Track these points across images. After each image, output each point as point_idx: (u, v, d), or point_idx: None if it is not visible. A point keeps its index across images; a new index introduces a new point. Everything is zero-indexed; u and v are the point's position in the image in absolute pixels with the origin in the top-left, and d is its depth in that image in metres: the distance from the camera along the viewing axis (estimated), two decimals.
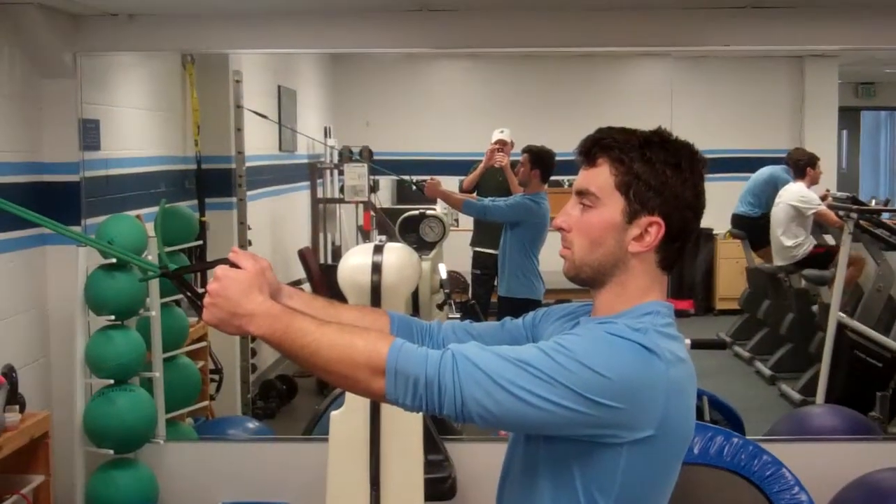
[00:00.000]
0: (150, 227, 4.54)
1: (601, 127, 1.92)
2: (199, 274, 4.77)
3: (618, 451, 1.76)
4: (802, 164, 8.04)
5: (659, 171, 1.84)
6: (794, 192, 7.92)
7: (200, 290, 1.89)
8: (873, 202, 10.16)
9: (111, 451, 4.18)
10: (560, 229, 1.92)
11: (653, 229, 1.85)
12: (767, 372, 7.87)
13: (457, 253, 7.50)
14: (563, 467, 1.81)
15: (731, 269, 10.27)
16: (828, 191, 8.60)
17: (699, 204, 1.89)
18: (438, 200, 8.53)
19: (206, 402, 5.28)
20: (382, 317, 2.12)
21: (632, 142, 1.86)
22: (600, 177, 1.86)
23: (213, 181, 6.22)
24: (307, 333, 1.77)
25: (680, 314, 10.47)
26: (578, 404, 1.68)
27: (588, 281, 1.91)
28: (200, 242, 5.24)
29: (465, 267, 7.80)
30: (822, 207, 7.65)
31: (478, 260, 7.49)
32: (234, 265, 1.86)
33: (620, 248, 1.86)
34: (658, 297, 1.89)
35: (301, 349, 1.77)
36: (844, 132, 14.18)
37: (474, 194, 7.20)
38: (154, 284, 4.39)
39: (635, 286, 1.88)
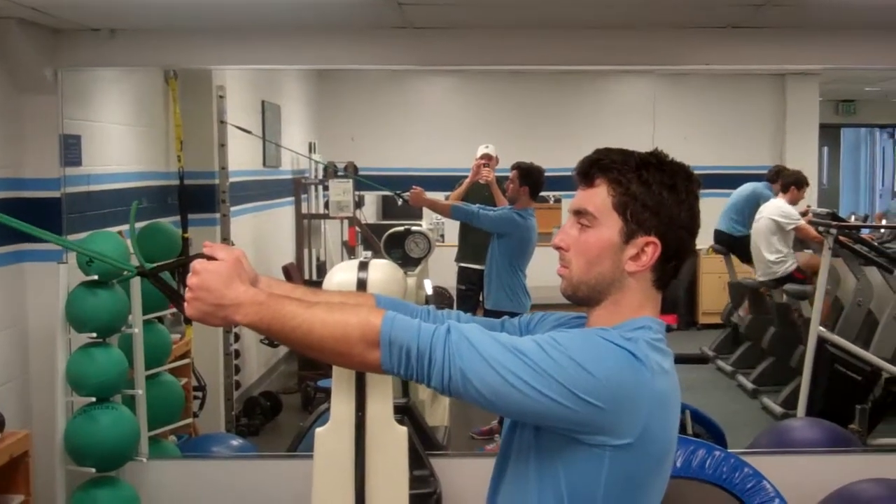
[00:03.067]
0: (131, 243, 4.52)
1: (599, 148, 1.97)
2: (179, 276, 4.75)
3: (600, 457, 1.79)
4: (789, 182, 8.11)
5: (655, 193, 1.89)
6: (774, 207, 7.98)
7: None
8: (853, 218, 10.25)
9: (93, 470, 4.13)
10: (558, 248, 1.96)
11: (649, 249, 1.89)
12: (749, 385, 7.90)
13: (442, 268, 7.51)
14: (549, 464, 1.85)
15: (714, 284, 10.32)
16: (808, 207, 8.66)
17: (694, 224, 1.94)
18: (424, 214, 8.57)
19: (189, 420, 5.26)
20: (369, 299, 2.20)
21: (629, 163, 1.91)
22: (598, 197, 1.91)
23: (196, 197, 6.21)
24: (297, 315, 1.80)
25: (667, 329, 10.53)
26: (563, 398, 1.73)
27: (584, 299, 1.95)
28: (183, 259, 5.22)
29: (450, 282, 7.82)
30: (802, 223, 7.71)
31: (463, 275, 7.50)
32: (209, 258, 1.87)
33: (617, 268, 1.90)
34: (651, 314, 1.93)
35: (292, 331, 1.80)
36: (825, 149, 14.31)
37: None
38: (136, 301, 4.38)
39: (630, 304, 1.92)
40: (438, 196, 7.36)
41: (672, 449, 1.93)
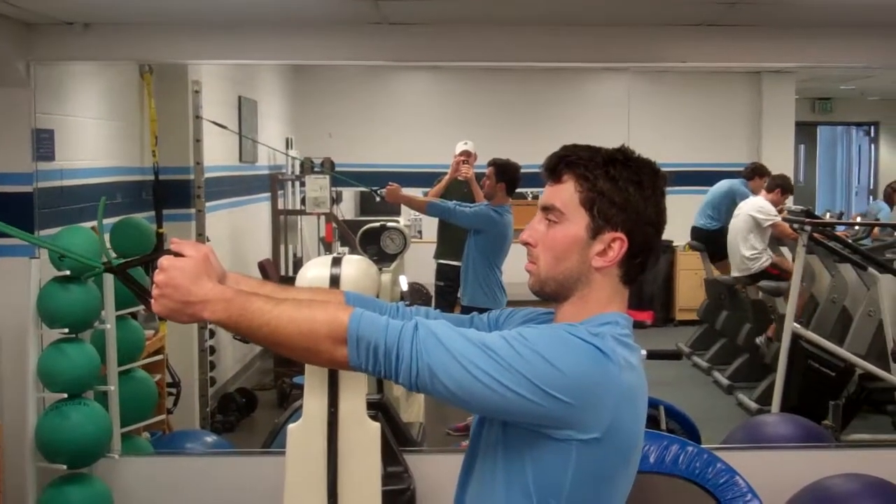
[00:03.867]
0: (106, 238, 4.50)
1: (566, 144, 1.97)
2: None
3: (567, 452, 1.79)
4: (775, 184, 8.18)
5: (622, 189, 1.89)
6: (753, 204, 8.05)
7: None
8: (828, 215, 10.32)
9: (64, 467, 4.12)
10: (526, 244, 1.97)
11: (616, 245, 1.90)
12: (725, 382, 7.94)
13: (421, 265, 7.51)
14: (516, 459, 1.86)
15: (691, 281, 10.35)
16: (784, 204, 8.70)
17: (661, 220, 1.95)
18: (402, 211, 8.56)
19: (162, 416, 5.23)
20: (339, 296, 2.21)
21: (596, 159, 1.92)
22: (565, 193, 1.92)
23: (171, 192, 6.18)
24: (265, 312, 1.79)
25: (639, 325, 10.53)
26: (530, 393, 1.73)
27: (552, 295, 1.96)
28: (150, 255, 5.19)
29: (429, 279, 7.82)
30: (779, 220, 7.76)
31: (441, 272, 7.50)
32: (176, 255, 1.86)
33: (584, 263, 1.91)
34: (619, 310, 1.94)
35: (259, 328, 1.79)
36: (802, 146, 14.36)
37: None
38: (109, 296, 4.35)
39: (597, 300, 1.93)
40: (417, 193, 7.35)
41: (639, 443, 1.94)
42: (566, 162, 1.93)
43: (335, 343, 1.77)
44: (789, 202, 9.50)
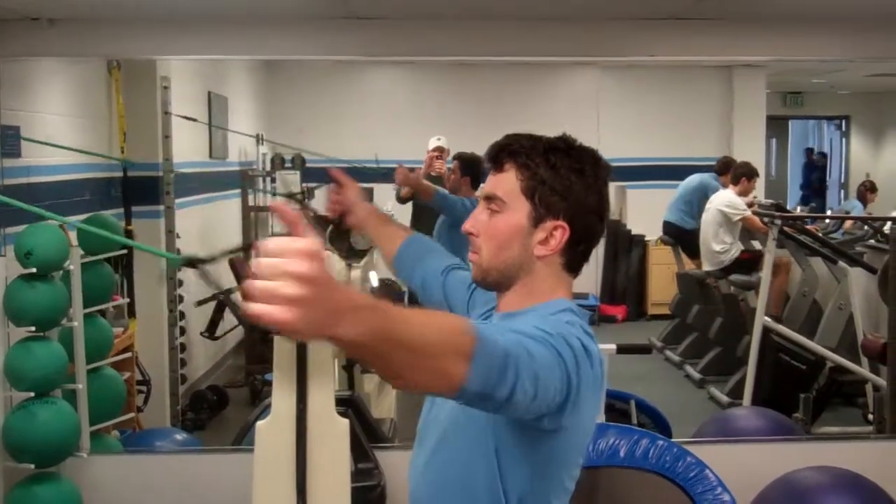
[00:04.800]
0: (73, 237, 4.47)
1: (508, 133, 1.97)
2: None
3: (538, 437, 1.79)
4: (740, 173, 8.21)
5: (563, 177, 1.89)
6: (723, 198, 8.07)
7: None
8: (798, 209, 10.37)
9: (32, 466, 4.08)
10: (469, 234, 1.97)
11: (557, 233, 1.90)
12: (697, 375, 7.96)
13: None
14: (483, 441, 1.84)
15: (663, 275, 10.38)
16: (755, 197, 8.74)
17: (602, 208, 1.95)
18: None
19: (132, 415, 5.20)
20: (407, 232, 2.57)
21: (537, 148, 1.92)
22: (507, 182, 1.92)
23: (140, 189, 6.14)
24: (403, 321, 1.42)
25: (611, 320, 10.58)
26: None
27: (494, 284, 1.97)
28: (126, 252, 5.16)
29: None
30: (749, 213, 7.79)
31: None
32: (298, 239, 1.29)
33: (526, 252, 1.91)
34: (565, 297, 1.94)
35: (398, 345, 1.41)
36: (773, 140, 14.43)
37: (410, 202, 7.21)
38: (77, 294, 4.30)
39: (540, 288, 1.93)
40: (388, 190, 7.32)
41: (592, 431, 1.96)
42: (507, 151, 1.94)
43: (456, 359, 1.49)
44: (760, 193, 9.57)
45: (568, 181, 1.89)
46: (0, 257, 4.18)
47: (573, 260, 1.94)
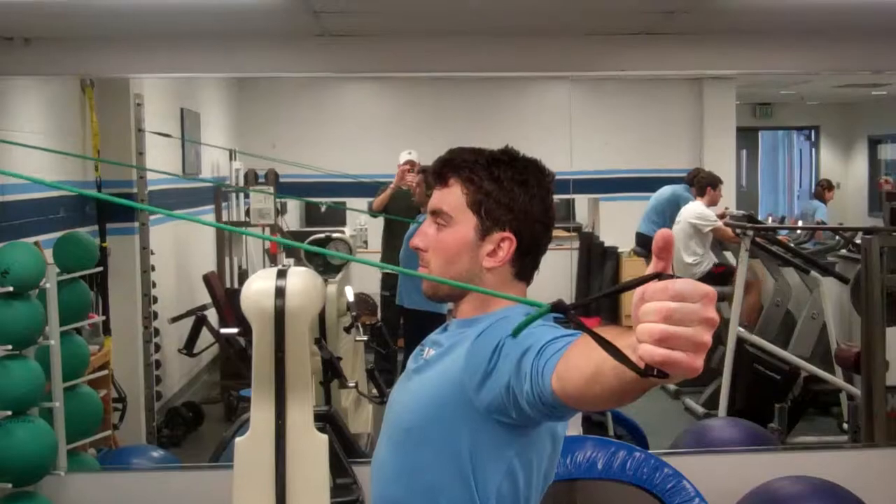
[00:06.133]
0: (48, 255, 4.46)
1: (452, 148, 2.02)
2: None
3: (509, 441, 1.83)
4: (704, 184, 8.25)
5: (507, 189, 1.94)
6: (691, 211, 8.11)
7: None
8: (770, 220, 10.45)
9: (9, 485, 4.07)
10: (417, 249, 2.00)
11: (505, 244, 1.94)
12: (672, 387, 7.98)
13: (367, 275, 7.50)
14: (454, 438, 1.87)
15: None
16: (726, 208, 8.81)
17: (548, 217, 1.99)
18: (348, 221, 8.54)
19: (108, 432, 5.19)
20: None
21: (480, 161, 1.96)
22: (452, 196, 1.96)
23: (115, 206, 6.12)
24: None
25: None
26: None
27: (445, 297, 2.03)
28: (101, 269, 5.16)
29: (375, 289, 7.80)
30: (719, 224, 7.84)
31: (386, 282, 7.49)
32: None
33: (475, 264, 1.95)
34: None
35: None
36: (744, 151, 14.53)
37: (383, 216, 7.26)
38: (53, 312, 4.29)
39: (493, 298, 1.95)
40: (361, 203, 7.34)
41: (562, 437, 1.99)
42: (451, 165, 1.98)
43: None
44: (732, 205, 9.63)
45: (512, 193, 1.93)
46: None
47: (523, 269, 1.99)
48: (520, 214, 1.93)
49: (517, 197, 1.93)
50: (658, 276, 1.23)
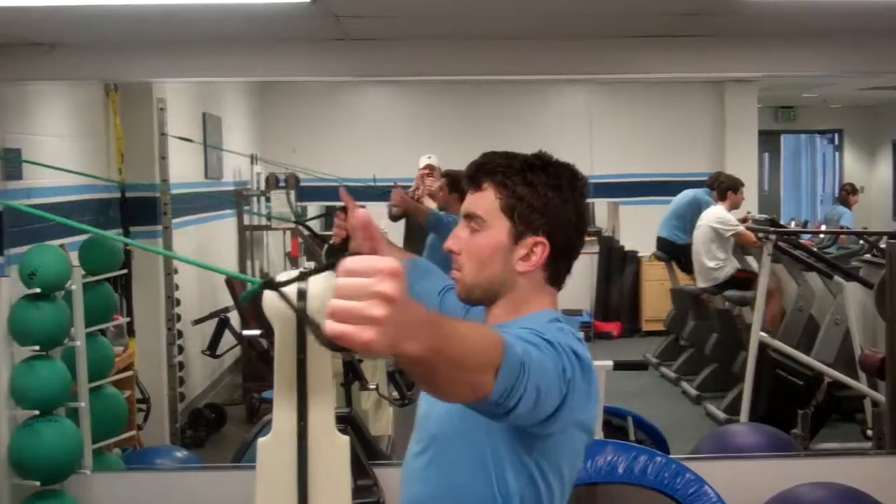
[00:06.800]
0: (73, 257, 4.50)
1: (485, 152, 2.02)
2: None
3: (531, 440, 1.83)
4: (724, 188, 8.22)
5: (541, 193, 1.94)
6: (713, 215, 8.09)
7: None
8: (793, 224, 10.40)
9: (37, 483, 4.11)
10: (450, 252, 2.01)
11: (538, 249, 1.94)
12: (693, 392, 7.96)
13: None
14: (478, 448, 1.88)
15: (657, 291, 10.40)
16: (749, 213, 8.78)
17: (582, 222, 2.00)
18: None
19: (133, 432, 5.23)
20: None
21: (514, 166, 1.96)
22: (486, 200, 1.97)
23: (138, 209, 6.17)
24: (462, 338, 1.46)
25: (606, 336, 10.55)
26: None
27: (479, 300, 2.01)
28: (125, 271, 5.20)
29: None
30: (741, 229, 7.81)
31: None
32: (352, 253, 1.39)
33: (508, 268, 1.95)
34: (551, 307, 1.98)
35: (450, 358, 1.43)
36: (766, 155, 14.48)
37: (403, 220, 7.24)
38: (79, 313, 4.33)
39: (525, 301, 1.97)
40: (380, 207, 7.35)
41: (591, 431, 1.97)
42: (485, 170, 1.98)
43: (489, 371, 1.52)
44: (753, 208, 9.60)
45: (546, 197, 1.94)
46: (4, 278, 4.21)
47: (555, 274, 1.99)
48: (553, 219, 1.94)
49: (551, 201, 1.94)
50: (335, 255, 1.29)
